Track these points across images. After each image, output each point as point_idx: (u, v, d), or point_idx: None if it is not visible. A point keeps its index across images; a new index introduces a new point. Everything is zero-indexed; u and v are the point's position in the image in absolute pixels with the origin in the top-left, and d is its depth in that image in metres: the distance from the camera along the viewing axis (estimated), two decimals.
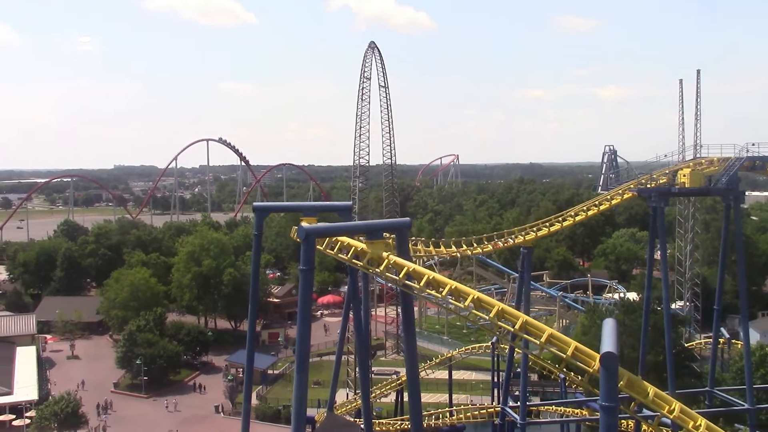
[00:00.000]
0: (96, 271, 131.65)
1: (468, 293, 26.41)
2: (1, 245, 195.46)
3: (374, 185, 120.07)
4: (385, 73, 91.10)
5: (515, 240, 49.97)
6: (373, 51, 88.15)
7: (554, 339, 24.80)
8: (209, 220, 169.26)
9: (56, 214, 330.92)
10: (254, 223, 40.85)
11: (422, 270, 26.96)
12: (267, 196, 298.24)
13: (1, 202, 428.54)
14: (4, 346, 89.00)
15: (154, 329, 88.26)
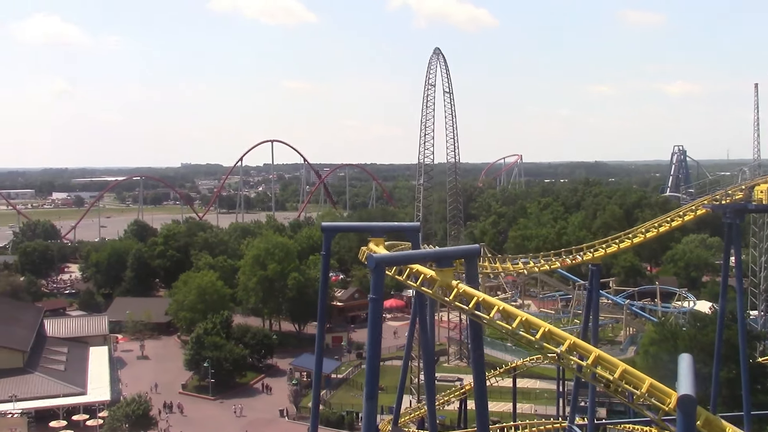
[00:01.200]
0: (164, 272, 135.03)
1: (539, 325, 26.05)
2: (75, 244, 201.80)
3: (436, 184, 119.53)
4: (450, 80, 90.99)
5: (583, 257, 49.15)
6: (438, 57, 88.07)
7: (628, 375, 24.24)
8: (274, 222, 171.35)
9: (126, 213, 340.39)
10: (323, 243, 41.11)
11: (492, 300, 26.74)
12: (330, 196, 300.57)
13: (74, 200, 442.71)
14: (78, 346, 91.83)
15: (220, 332, 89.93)
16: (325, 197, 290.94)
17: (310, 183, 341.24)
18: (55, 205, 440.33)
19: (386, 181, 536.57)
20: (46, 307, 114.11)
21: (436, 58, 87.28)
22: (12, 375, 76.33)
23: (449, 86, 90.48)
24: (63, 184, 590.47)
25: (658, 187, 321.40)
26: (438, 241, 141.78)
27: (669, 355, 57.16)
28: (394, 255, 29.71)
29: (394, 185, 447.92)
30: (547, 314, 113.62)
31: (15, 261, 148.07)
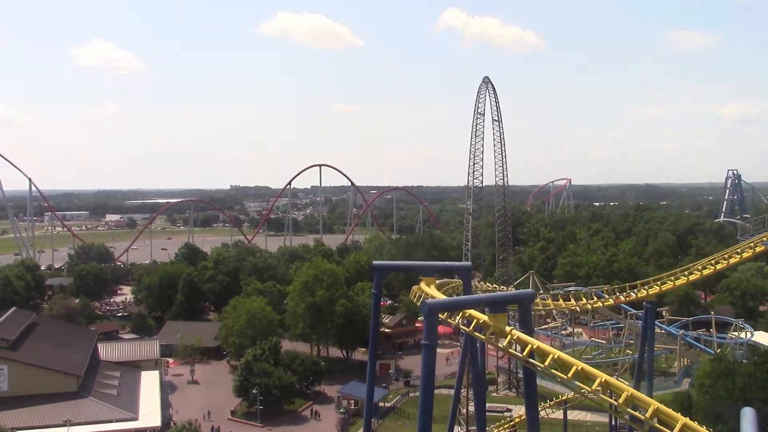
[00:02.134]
0: (214, 296, 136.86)
1: (596, 376, 25.56)
2: (128, 266, 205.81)
3: (484, 206, 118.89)
4: (499, 108, 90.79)
5: (638, 294, 48.27)
6: (487, 86, 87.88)
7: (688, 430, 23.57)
8: (321, 246, 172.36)
9: (177, 235, 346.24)
10: (374, 282, 41.17)
11: (547, 348, 26.39)
12: (377, 220, 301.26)
13: (127, 221, 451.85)
14: (130, 371, 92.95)
15: (269, 358, 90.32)
16: (372, 220, 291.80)
17: (357, 206, 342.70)
18: (108, 226, 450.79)
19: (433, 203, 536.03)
20: (99, 329, 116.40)
21: (485, 87, 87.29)
22: (66, 399, 77.45)
23: (498, 114, 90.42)
24: (116, 206, 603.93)
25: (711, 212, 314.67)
26: (486, 267, 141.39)
27: (727, 392, 55.71)
28: (447, 301, 29.58)
29: (440, 208, 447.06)
30: (598, 343, 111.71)
31: (70, 283, 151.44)
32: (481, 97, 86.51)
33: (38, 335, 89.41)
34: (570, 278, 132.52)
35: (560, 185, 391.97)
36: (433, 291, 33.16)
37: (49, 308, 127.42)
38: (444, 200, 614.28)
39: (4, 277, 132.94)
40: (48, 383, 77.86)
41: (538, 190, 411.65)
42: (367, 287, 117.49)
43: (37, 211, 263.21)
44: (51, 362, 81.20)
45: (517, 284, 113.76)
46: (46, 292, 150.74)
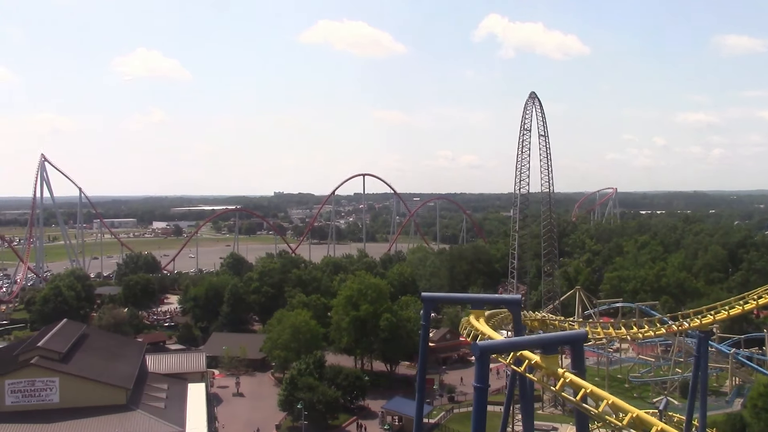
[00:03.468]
0: (259, 307, 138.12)
1: (652, 424, 24.93)
2: (174, 275, 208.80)
3: (528, 215, 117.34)
4: (545, 123, 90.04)
5: (690, 323, 47.23)
6: (534, 101, 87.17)
7: None
8: (365, 257, 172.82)
9: (222, 242, 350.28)
10: (422, 313, 41.03)
11: (602, 393, 25.86)
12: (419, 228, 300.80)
13: (173, 229, 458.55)
14: (177, 383, 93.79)
15: (313, 372, 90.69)
16: (415, 229, 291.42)
17: (400, 214, 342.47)
18: (155, 234, 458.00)
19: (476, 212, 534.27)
20: (147, 339, 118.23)
21: (531, 102, 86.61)
22: (115, 412, 78.17)
23: (545, 129, 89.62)
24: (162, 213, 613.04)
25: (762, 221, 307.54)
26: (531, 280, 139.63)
27: None
28: (499, 343, 29.23)
29: (484, 217, 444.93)
30: (646, 361, 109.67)
31: (119, 293, 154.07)
32: (527, 112, 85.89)
33: (88, 347, 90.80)
34: (617, 293, 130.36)
35: (606, 196, 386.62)
36: (483, 326, 32.82)
37: (99, 318, 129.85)
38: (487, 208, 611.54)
39: (56, 288, 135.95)
40: (97, 396, 78.79)
41: (583, 199, 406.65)
42: (411, 301, 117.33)
43: (86, 218, 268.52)
44: (100, 375, 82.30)
45: (563, 299, 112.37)
46: (95, 302, 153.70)
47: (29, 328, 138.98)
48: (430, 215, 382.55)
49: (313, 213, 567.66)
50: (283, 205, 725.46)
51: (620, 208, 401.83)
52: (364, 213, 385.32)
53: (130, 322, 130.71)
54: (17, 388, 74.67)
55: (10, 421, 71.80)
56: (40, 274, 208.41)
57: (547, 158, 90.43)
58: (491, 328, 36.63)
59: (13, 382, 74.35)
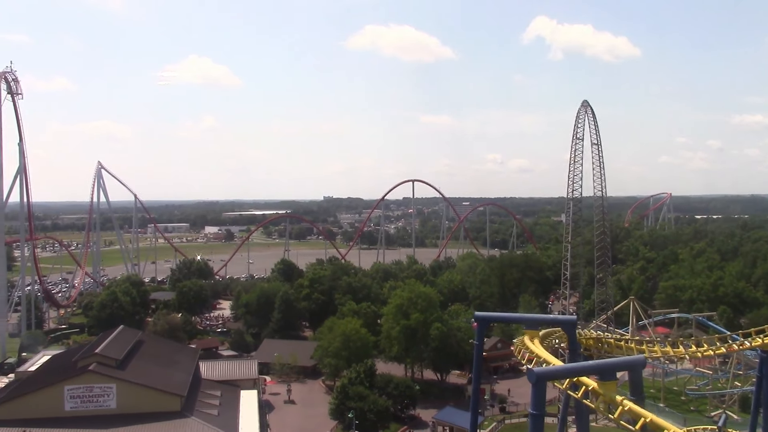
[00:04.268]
0: (310, 314, 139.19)
1: None
2: (227, 280, 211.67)
3: (579, 220, 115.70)
4: (598, 131, 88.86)
5: (752, 343, 45.90)
6: (586, 110, 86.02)
7: None
8: (415, 264, 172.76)
9: (272, 247, 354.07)
10: (476, 333, 40.77)
11: (662, 423, 25.26)
12: (469, 233, 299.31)
13: (225, 234, 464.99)
14: (230, 390, 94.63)
15: (364, 381, 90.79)
16: (464, 234, 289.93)
17: (450, 218, 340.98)
18: (207, 239, 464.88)
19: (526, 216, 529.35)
20: (200, 345, 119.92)
21: (584, 111, 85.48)
22: (170, 418, 79.07)
23: (597, 138, 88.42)
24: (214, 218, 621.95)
25: None
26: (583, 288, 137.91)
27: None
28: (555, 370, 28.80)
29: (534, 222, 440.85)
30: (703, 373, 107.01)
31: (173, 299, 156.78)
32: (579, 120, 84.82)
33: (144, 354, 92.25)
34: (672, 303, 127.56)
35: (660, 201, 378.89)
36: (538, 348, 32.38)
37: (153, 323, 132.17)
38: (538, 213, 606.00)
39: (112, 293, 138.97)
40: (153, 402, 79.96)
41: (636, 204, 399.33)
42: (461, 310, 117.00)
43: (140, 222, 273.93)
44: (156, 381, 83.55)
45: (616, 309, 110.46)
46: (150, 307, 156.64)
47: (87, 333, 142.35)
48: (479, 220, 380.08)
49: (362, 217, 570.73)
50: (333, 210, 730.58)
51: (675, 212, 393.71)
52: (414, 218, 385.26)
53: (184, 327, 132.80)
54: (76, 393, 76.04)
55: (70, 426, 73.15)
56: (97, 278, 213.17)
57: (600, 167, 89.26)
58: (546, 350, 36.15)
59: (72, 387, 75.69)
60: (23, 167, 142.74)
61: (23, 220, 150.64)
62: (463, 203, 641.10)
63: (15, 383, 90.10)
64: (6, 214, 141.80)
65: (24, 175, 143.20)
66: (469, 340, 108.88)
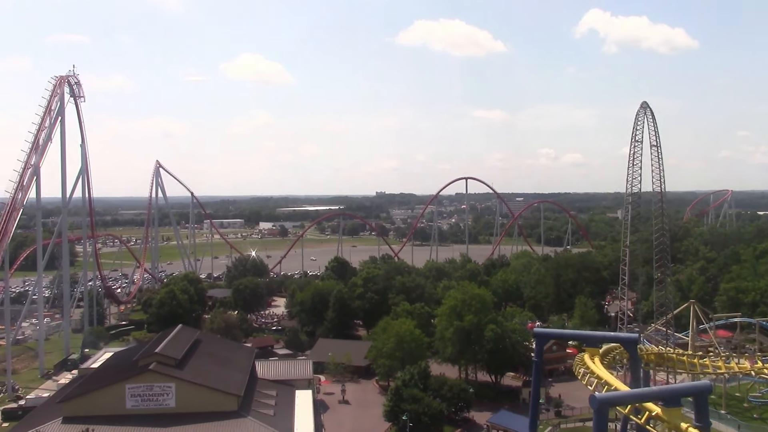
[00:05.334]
0: (364, 313, 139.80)
1: None
2: (281, 277, 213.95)
3: (636, 216, 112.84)
4: (658, 133, 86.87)
5: None
6: (645, 111, 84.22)
7: None
8: (469, 263, 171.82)
9: (326, 243, 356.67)
10: (534, 349, 40.28)
11: None
12: (522, 230, 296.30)
13: (279, 230, 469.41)
14: (285, 390, 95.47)
15: (418, 383, 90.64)
16: (518, 231, 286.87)
17: (503, 215, 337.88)
18: (261, 235, 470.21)
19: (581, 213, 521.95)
20: (256, 344, 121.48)
21: (642, 112, 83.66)
22: (227, 418, 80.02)
23: (657, 139, 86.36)
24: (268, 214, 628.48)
25: None
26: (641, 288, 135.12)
27: None
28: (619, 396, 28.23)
29: (590, 218, 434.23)
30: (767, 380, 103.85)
31: (229, 296, 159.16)
32: (638, 122, 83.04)
33: (202, 353, 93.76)
34: (734, 306, 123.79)
35: (721, 198, 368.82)
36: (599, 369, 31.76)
37: (210, 321, 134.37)
38: (593, 209, 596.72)
39: (170, 291, 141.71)
40: (210, 402, 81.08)
41: (696, 201, 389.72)
42: (516, 312, 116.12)
43: (196, 218, 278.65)
44: (213, 381, 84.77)
45: (677, 313, 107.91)
46: (206, 304, 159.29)
47: (146, 330, 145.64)
48: (533, 216, 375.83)
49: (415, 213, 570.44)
50: (385, 206, 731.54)
51: (736, 208, 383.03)
52: (467, 215, 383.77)
53: (240, 325, 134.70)
54: (137, 392, 77.53)
55: (131, 424, 74.68)
56: (156, 275, 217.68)
57: (660, 169, 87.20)
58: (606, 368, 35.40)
59: (133, 386, 77.21)
60: (85, 168, 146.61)
61: (85, 216, 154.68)
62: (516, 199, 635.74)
63: (79, 379, 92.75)
64: (69, 209, 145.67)
65: (86, 175, 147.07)
66: (524, 343, 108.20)
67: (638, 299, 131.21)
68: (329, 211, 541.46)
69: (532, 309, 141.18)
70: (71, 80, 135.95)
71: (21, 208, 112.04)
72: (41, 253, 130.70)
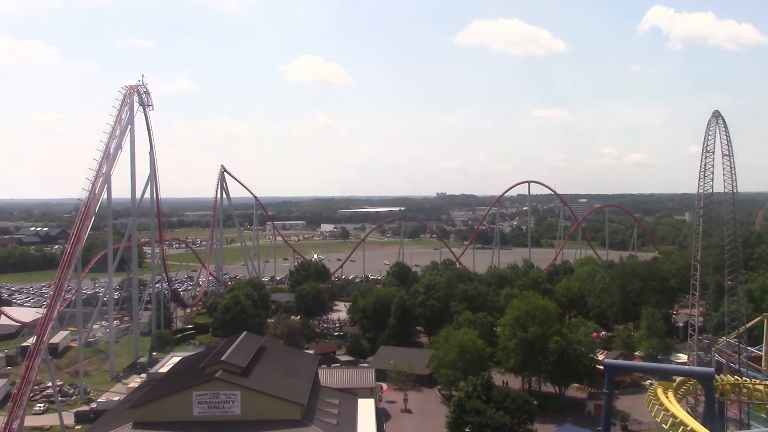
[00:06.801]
0: (425, 321, 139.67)
1: None
2: (343, 281, 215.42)
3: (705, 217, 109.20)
4: (730, 142, 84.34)
5: None
6: (717, 121, 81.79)
7: None
8: (531, 270, 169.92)
9: (386, 246, 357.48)
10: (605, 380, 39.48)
11: None
12: (586, 233, 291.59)
13: (341, 232, 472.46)
14: (348, 398, 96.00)
15: (481, 395, 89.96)
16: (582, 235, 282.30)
17: (566, 217, 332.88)
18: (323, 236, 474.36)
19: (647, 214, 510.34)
20: (318, 350, 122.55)
21: (714, 122, 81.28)
22: (290, 427, 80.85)
23: (729, 149, 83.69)
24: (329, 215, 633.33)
25: None
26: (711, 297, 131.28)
27: None
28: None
29: (656, 222, 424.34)
30: None
31: (291, 301, 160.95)
32: (710, 132, 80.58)
33: (266, 361, 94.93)
34: None
35: None
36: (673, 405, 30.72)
37: (274, 327, 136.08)
38: (659, 210, 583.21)
39: (235, 297, 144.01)
40: (275, 410, 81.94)
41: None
42: (581, 323, 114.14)
43: (259, 220, 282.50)
44: (278, 390, 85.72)
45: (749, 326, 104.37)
46: (270, 308, 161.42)
47: (211, 334, 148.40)
48: (597, 219, 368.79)
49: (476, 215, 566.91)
50: (446, 207, 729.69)
51: None
52: (529, 217, 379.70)
53: (303, 331, 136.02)
54: (203, 399, 78.96)
55: (197, 430, 76.45)
56: (220, 278, 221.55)
57: (732, 177, 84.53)
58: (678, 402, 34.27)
59: (200, 393, 78.68)
60: (154, 175, 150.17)
61: (153, 217, 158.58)
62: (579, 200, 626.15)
63: (147, 384, 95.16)
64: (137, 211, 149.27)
65: (154, 182, 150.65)
66: (589, 355, 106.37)
67: (708, 309, 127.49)
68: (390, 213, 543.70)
69: (596, 318, 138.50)
70: (140, 89, 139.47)
71: (93, 216, 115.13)
72: (112, 256, 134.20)
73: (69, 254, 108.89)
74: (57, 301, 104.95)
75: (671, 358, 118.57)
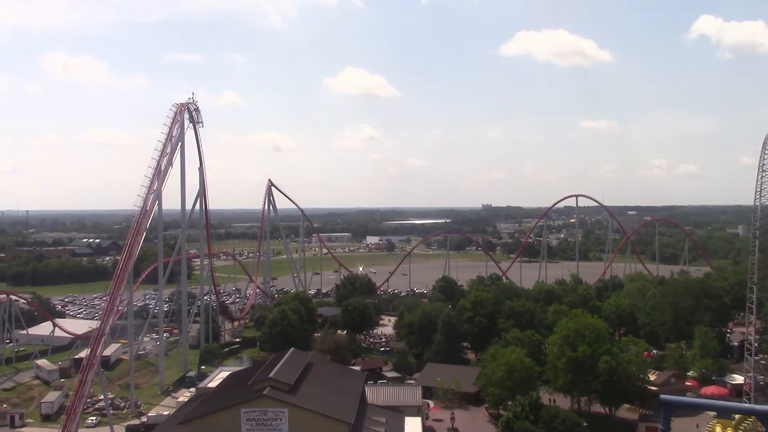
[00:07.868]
0: (472, 337, 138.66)
1: None
2: (389, 295, 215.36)
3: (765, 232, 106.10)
4: None
5: None
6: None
7: None
8: (580, 286, 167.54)
9: (432, 259, 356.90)
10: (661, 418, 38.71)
11: None
12: (635, 247, 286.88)
13: (386, 244, 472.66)
14: (394, 417, 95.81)
15: (529, 415, 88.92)
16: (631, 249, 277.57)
17: (614, 229, 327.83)
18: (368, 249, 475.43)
19: (698, 227, 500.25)
20: (365, 366, 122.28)
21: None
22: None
23: None
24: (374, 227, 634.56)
25: None
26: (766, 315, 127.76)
27: None
28: None
29: (708, 235, 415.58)
30: None
31: (338, 315, 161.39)
32: (766, 150, 78.60)
33: (313, 378, 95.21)
34: None
35: None
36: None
37: (320, 342, 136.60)
38: (711, 223, 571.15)
39: (282, 312, 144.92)
40: (321, 428, 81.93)
41: None
42: (631, 342, 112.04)
43: (305, 231, 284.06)
44: (324, 407, 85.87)
45: None
46: (316, 322, 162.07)
47: (259, 348, 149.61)
48: (647, 232, 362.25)
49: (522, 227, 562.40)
50: (492, 219, 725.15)
51: None
52: (576, 230, 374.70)
53: (349, 346, 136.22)
54: (252, 416, 79.61)
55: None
56: (268, 290, 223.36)
57: None
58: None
59: (248, 410, 79.41)
60: (203, 190, 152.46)
61: (201, 229, 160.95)
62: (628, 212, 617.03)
63: (196, 399, 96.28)
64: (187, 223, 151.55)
65: (203, 197, 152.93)
66: (640, 375, 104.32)
67: (764, 327, 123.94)
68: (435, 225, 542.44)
69: (647, 336, 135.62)
70: (190, 107, 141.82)
71: (144, 232, 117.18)
72: (162, 270, 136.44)
73: (121, 269, 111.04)
74: (110, 315, 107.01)
75: (726, 379, 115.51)
